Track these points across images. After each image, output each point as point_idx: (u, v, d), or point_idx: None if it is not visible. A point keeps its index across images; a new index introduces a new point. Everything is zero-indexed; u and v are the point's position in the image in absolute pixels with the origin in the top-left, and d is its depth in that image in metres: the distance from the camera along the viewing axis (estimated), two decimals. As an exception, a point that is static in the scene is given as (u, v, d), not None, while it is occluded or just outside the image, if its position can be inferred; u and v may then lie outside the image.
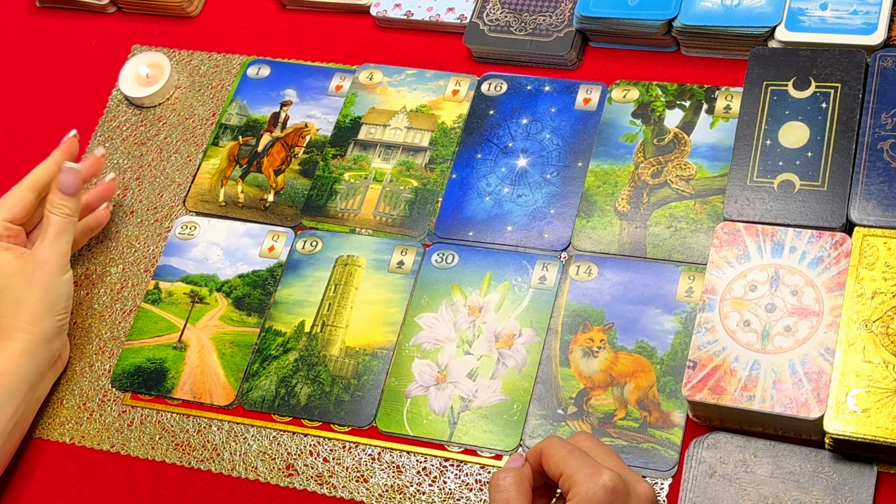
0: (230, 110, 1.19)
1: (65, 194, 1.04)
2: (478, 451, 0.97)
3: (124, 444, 1.04)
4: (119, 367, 1.08)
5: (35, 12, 1.34)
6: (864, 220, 0.93)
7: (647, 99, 1.08)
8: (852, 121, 0.97)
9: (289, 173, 1.14)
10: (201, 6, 1.28)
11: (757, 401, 0.88)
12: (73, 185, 1.05)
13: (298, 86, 1.19)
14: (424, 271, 1.05)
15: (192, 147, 1.18)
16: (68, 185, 1.05)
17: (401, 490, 0.97)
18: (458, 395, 0.99)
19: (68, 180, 1.05)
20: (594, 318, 0.99)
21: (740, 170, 0.98)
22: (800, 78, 1.00)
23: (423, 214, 1.08)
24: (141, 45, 1.27)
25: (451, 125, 1.12)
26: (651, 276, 1.00)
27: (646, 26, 1.08)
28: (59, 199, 1.05)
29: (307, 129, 1.16)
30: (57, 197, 1.05)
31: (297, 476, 0.99)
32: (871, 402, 0.86)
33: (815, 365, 0.88)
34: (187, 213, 1.15)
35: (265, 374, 1.04)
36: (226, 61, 1.23)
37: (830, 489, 0.88)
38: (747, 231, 0.95)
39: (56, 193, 1.05)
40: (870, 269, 0.91)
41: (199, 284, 1.10)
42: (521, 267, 1.03)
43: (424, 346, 1.02)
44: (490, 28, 1.14)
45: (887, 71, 0.98)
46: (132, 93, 1.22)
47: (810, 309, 0.91)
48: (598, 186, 1.05)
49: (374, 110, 1.15)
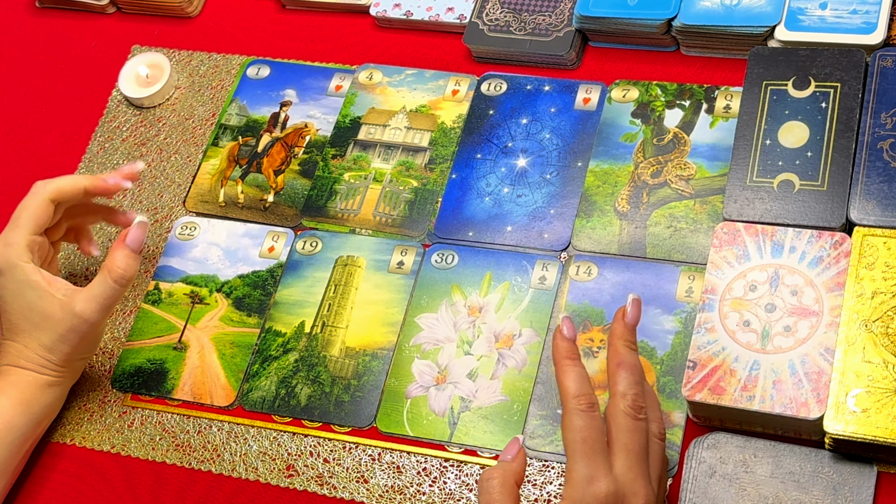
0: (230, 111, 1.19)
1: (132, 251, 0.99)
2: (478, 452, 0.97)
3: (125, 444, 1.04)
4: (119, 367, 1.08)
5: (35, 12, 1.34)
6: (864, 220, 0.93)
7: (647, 99, 1.08)
8: (852, 120, 0.97)
9: (289, 174, 1.14)
10: (201, 6, 1.28)
11: (757, 401, 0.88)
12: (142, 241, 1.00)
13: (298, 86, 1.19)
14: (424, 271, 1.05)
15: (191, 147, 1.18)
16: (137, 241, 1.00)
17: (401, 490, 0.97)
18: (458, 395, 0.99)
19: (138, 236, 1.00)
20: (594, 318, 0.99)
21: (740, 170, 0.98)
22: (799, 77, 1.00)
23: (423, 215, 1.08)
24: (141, 45, 1.27)
25: (451, 125, 1.12)
26: (651, 277, 1.00)
27: (645, 26, 1.08)
28: (125, 259, 0.99)
29: (307, 130, 1.16)
30: (123, 257, 0.99)
31: (297, 477, 0.99)
32: (871, 402, 0.85)
33: (814, 365, 0.88)
34: (187, 214, 1.15)
35: (265, 374, 1.04)
36: (226, 61, 1.23)
37: (830, 489, 0.88)
38: (747, 231, 0.95)
39: (124, 251, 0.99)
40: (870, 269, 0.90)
41: (199, 285, 1.10)
42: (521, 267, 1.03)
43: (424, 347, 1.02)
44: (490, 28, 1.14)
45: (887, 70, 0.98)
46: (132, 93, 1.22)
47: (810, 309, 0.91)
48: (598, 186, 1.05)
49: (373, 110, 1.15)
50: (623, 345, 0.86)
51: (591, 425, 0.82)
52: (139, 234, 1.00)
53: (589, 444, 0.82)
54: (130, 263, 0.99)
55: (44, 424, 1.04)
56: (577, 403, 0.83)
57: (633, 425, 0.83)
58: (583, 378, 0.85)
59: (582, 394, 0.83)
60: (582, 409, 0.83)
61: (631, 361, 0.85)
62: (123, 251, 0.99)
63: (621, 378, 0.85)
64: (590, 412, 0.83)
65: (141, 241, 1.00)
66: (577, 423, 0.82)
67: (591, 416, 0.83)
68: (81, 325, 0.99)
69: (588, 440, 0.82)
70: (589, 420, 0.82)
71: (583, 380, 0.84)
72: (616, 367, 0.85)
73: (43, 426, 1.04)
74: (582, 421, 0.82)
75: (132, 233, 1.00)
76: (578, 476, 0.81)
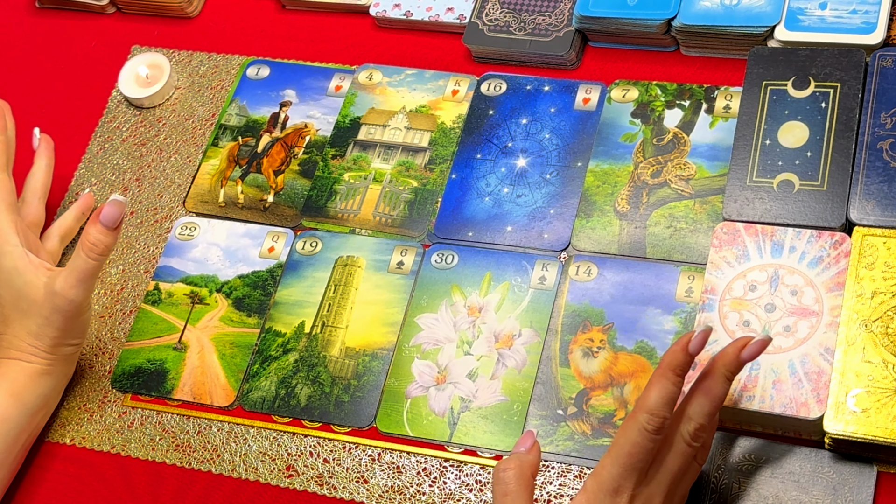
0: (230, 111, 1.19)
1: (105, 228, 0.99)
2: (478, 452, 0.97)
3: (124, 445, 1.04)
4: (119, 368, 1.08)
5: (35, 12, 1.34)
6: (864, 220, 0.93)
7: (647, 99, 1.08)
8: (852, 120, 0.97)
9: (288, 174, 1.14)
10: (201, 7, 1.28)
11: (757, 401, 0.88)
12: (116, 219, 0.99)
13: (298, 86, 1.19)
14: (424, 272, 1.05)
15: (191, 148, 1.18)
16: (109, 217, 0.99)
17: (401, 490, 0.97)
18: (457, 395, 0.99)
19: (112, 212, 0.99)
20: (594, 318, 0.99)
21: (740, 170, 0.98)
22: (799, 77, 1.00)
23: (423, 215, 1.08)
24: (141, 45, 1.27)
25: (451, 125, 1.12)
26: (651, 277, 1.00)
27: (645, 26, 1.08)
28: (97, 234, 0.98)
29: (307, 130, 1.16)
30: (95, 231, 0.99)
31: (297, 477, 0.99)
32: (871, 401, 0.86)
33: (814, 365, 0.88)
34: (187, 214, 1.15)
35: (265, 374, 1.04)
36: (225, 62, 1.23)
37: (830, 489, 0.88)
38: (747, 231, 0.95)
39: (96, 227, 0.98)
40: (869, 269, 0.90)
41: (199, 285, 1.10)
42: (521, 267, 1.03)
43: (424, 347, 1.02)
44: (489, 28, 1.14)
45: (887, 70, 0.98)
46: (132, 93, 1.22)
47: (810, 309, 0.91)
48: (598, 186, 1.05)
49: (373, 110, 1.15)
50: (722, 373, 0.84)
51: (646, 447, 0.82)
52: (112, 210, 0.99)
53: (634, 459, 0.82)
54: (101, 238, 0.99)
55: (39, 417, 1.03)
56: (647, 420, 0.82)
57: (683, 450, 0.84)
58: (669, 398, 0.82)
59: (657, 414, 0.82)
60: (648, 429, 0.82)
61: (717, 392, 0.84)
62: (96, 226, 0.99)
63: (697, 403, 0.84)
64: (653, 434, 0.82)
65: (114, 218, 0.99)
66: (636, 437, 0.82)
67: (652, 438, 0.82)
68: (63, 303, 1.00)
69: (634, 455, 0.82)
70: (647, 441, 0.82)
71: (667, 400, 0.82)
72: (699, 390, 0.84)
73: (38, 419, 1.03)
74: (641, 438, 0.82)
75: (106, 208, 0.99)
76: (608, 478, 0.82)
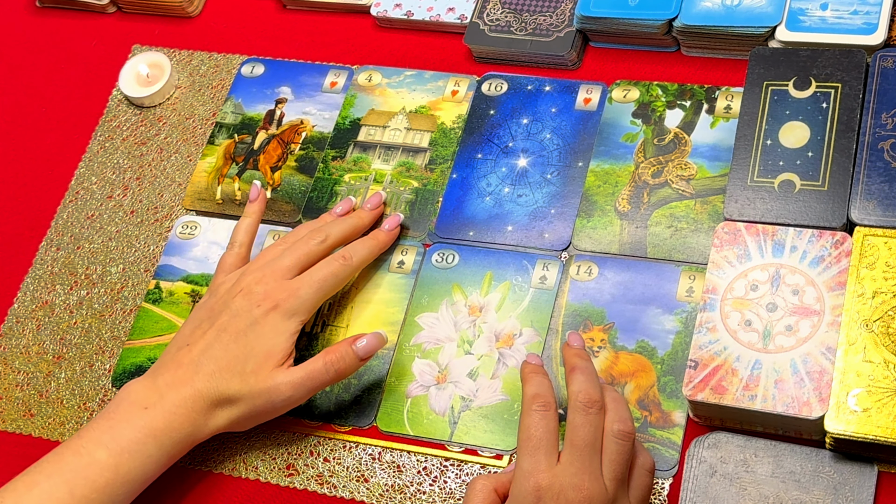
0: (225, 108, 1.19)
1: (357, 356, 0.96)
2: (478, 451, 0.97)
3: (124, 443, 1.04)
4: (120, 366, 1.08)
5: (35, 12, 1.34)
6: (865, 220, 0.93)
7: (648, 99, 1.08)
8: (853, 121, 0.97)
9: (285, 170, 1.14)
10: (201, 6, 1.28)
11: (759, 400, 0.88)
12: (370, 351, 0.96)
13: (293, 83, 1.19)
14: (425, 271, 1.05)
15: (192, 147, 1.18)
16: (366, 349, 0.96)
17: (401, 490, 0.97)
18: (458, 394, 0.99)
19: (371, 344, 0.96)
20: (594, 317, 0.99)
21: (741, 170, 0.98)
22: (800, 78, 1.01)
23: (424, 215, 1.08)
24: (141, 45, 1.27)
25: (451, 125, 1.12)
26: (651, 276, 1.00)
27: (646, 26, 1.09)
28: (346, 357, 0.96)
29: (303, 126, 1.16)
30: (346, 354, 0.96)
31: (297, 476, 0.99)
32: (872, 401, 0.86)
33: (816, 364, 0.88)
34: (187, 213, 1.15)
35: (265, 373, 1.04)
36: (226, 61, 1.23)
37: (831, 489, 0.88)
38: (748, 231, 0.95)
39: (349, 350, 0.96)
40: (870, 269, 0.91)
41: (200, 284, 1.10)
42: (522, 267, 1.03)
43: (425, 346, 1.02)
44: (490, 28, 1.14)
45: (888, 71, 0.98)
46: (132, 93, 1.22)
47: (811, 308, 0.91)
48: (599, 186, 1.05)
49: (373, 112, 1.15)
50: (574, 354, 0.89)
51: (540, 424, 0.85)
52: (372, 342, 0.97)
53: (534, 441, 0.84)
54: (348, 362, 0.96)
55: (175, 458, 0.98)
56: (531, 403, 0.86)
57: (581, 420, 0.85)
58: (544, 384, 0.87)
59: (538, 394, 0.86)
60: (535, 409, 0.85)
61: (583, 365, 0.88)
62: (348, 349, 0.96)
63: (574, 380, 0.87)
64: (542, 411, 0.85)
65: (369, 350, 0.96)
66: (527, 421, 0.85)
67: (542, 415, 0.85)
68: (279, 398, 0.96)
69: (533, 437, 0.84)
70: (538, 419, 0.85)
71: (543, 385, 0.87)
72: (570, 373, 0.88)
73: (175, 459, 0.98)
74: (531, 419, 0.85)
75: (368, 337, 0.97)
76: (519, 471, 0.83)
